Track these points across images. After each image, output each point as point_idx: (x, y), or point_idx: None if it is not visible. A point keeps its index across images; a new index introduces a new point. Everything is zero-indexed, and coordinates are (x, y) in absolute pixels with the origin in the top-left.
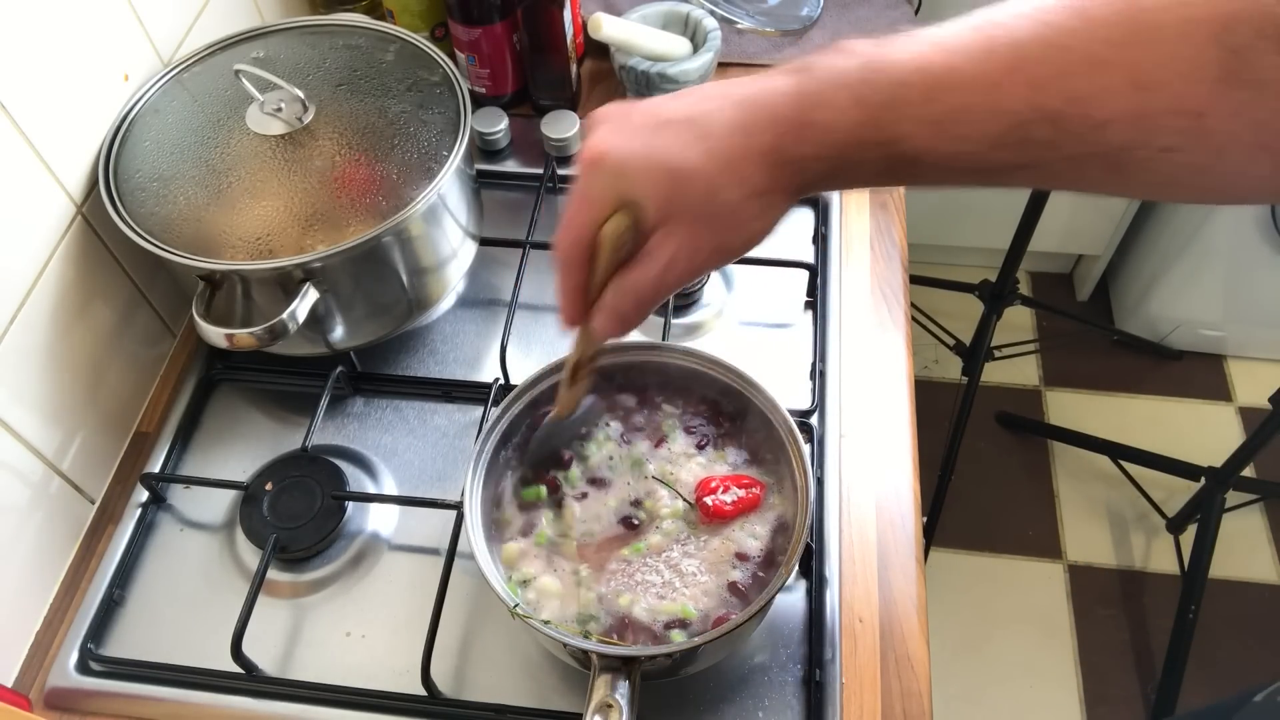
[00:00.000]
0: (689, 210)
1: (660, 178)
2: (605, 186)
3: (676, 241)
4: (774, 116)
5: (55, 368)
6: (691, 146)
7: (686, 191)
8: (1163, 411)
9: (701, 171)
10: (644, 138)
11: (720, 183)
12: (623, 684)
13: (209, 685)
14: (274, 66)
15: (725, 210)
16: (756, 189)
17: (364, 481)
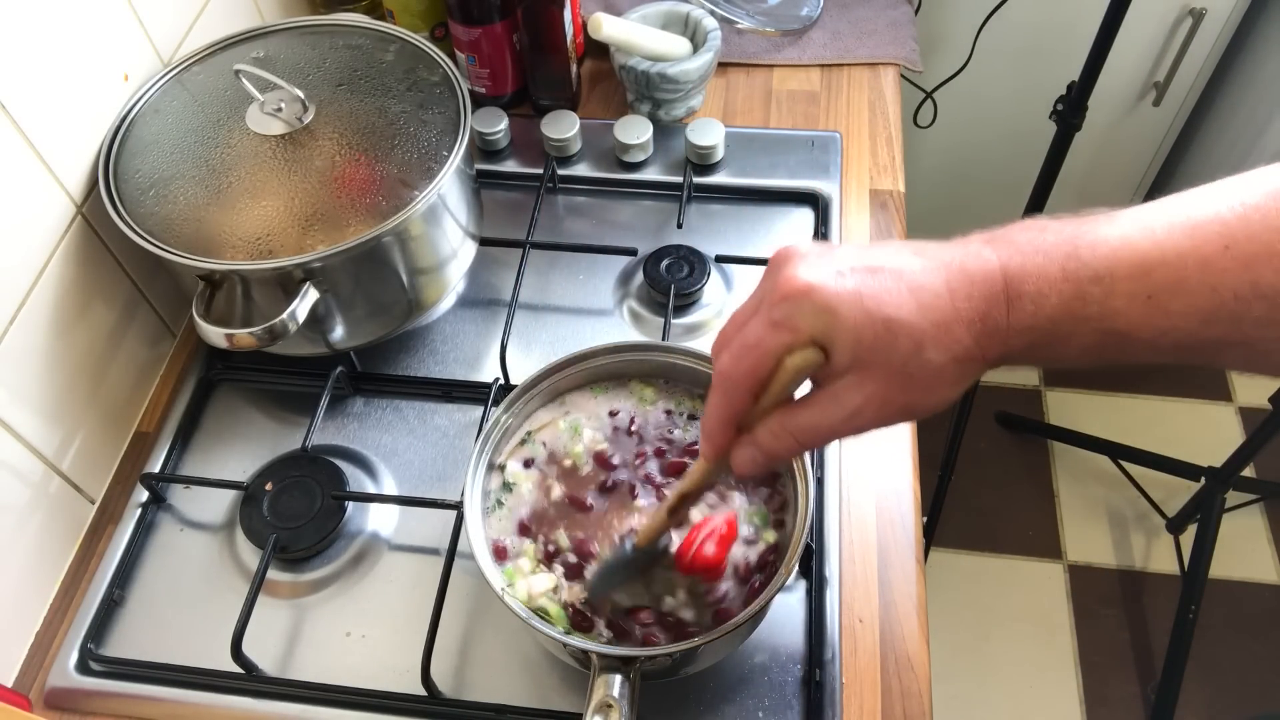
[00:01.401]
0: (890, 364)
1: (871, 324)
2: (807, 320)
3: (867, 392)
4: (986, 285)
5: (55, 368)
6: (905, 302)
7: (894, 344)
8: (1163, 411)
9: (914, 327)
10: (855, 282)
11: (929, 342)
12: (623, 684)
13: (209, 685)
14: (274, 66)
15: (927, 371)
16: (960, 355)
17: (364, 481)
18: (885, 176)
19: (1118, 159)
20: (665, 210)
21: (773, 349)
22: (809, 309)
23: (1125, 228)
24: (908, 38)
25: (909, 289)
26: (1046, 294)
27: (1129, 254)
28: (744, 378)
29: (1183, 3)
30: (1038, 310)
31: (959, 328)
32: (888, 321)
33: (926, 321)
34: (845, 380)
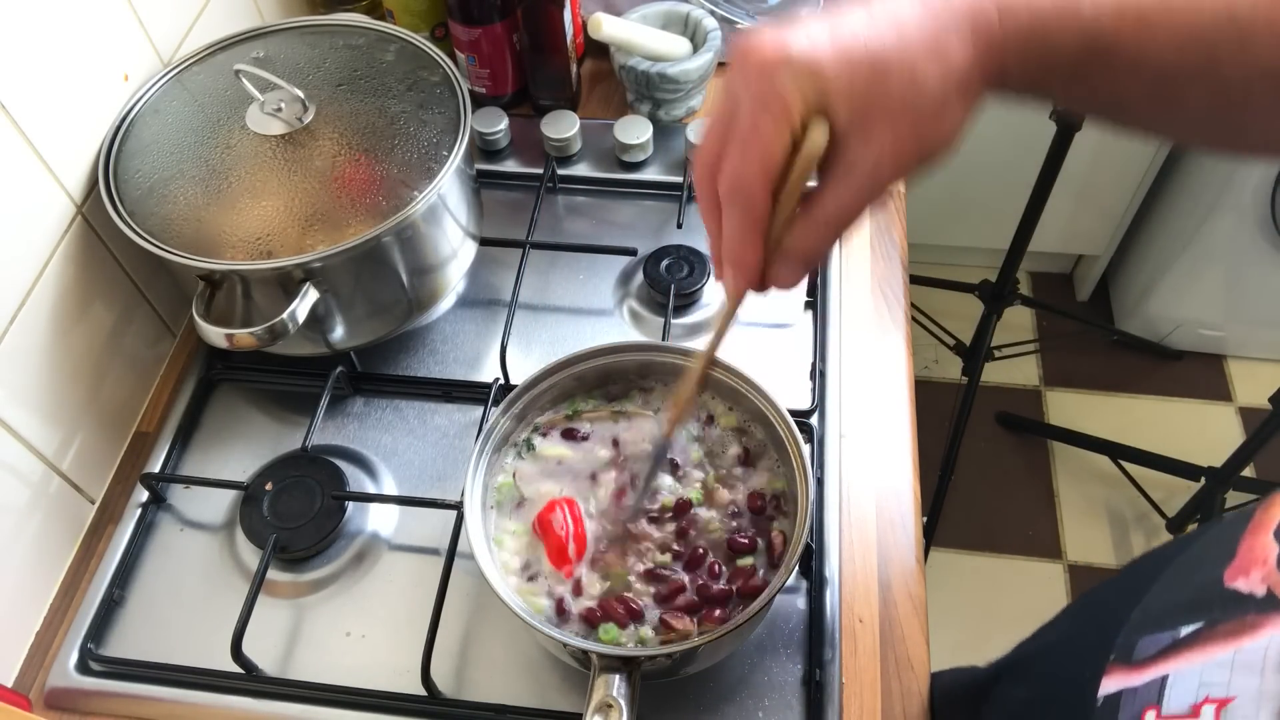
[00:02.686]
0: (891, 104)
1: (858, 68)
2: (796, 88)
3: (879, 145)
4: (971, 4)
5: (55, 368)
6: (884, 32)
7: (889, 82)
8: (1163, 411)
9: (902, 56)
10: (826, 31)
11: (923, 66)
12: (623, 684)
13: (209, 685)
14: (274, 66)
15: (928, 98)
16: (959, 69)
17: (364, 481)
18: None
19: (1118, 159)
20: (665, 210)
21: (773, 133)
22: (791, 76)
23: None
24: None
25: (885, 22)
26: (1038, 5)
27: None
28: (757, 176)
29: None
30: (1031, 11)
31: (950, 45)
32: (872, 59)
33: (915, 45)
34: (852, 142)
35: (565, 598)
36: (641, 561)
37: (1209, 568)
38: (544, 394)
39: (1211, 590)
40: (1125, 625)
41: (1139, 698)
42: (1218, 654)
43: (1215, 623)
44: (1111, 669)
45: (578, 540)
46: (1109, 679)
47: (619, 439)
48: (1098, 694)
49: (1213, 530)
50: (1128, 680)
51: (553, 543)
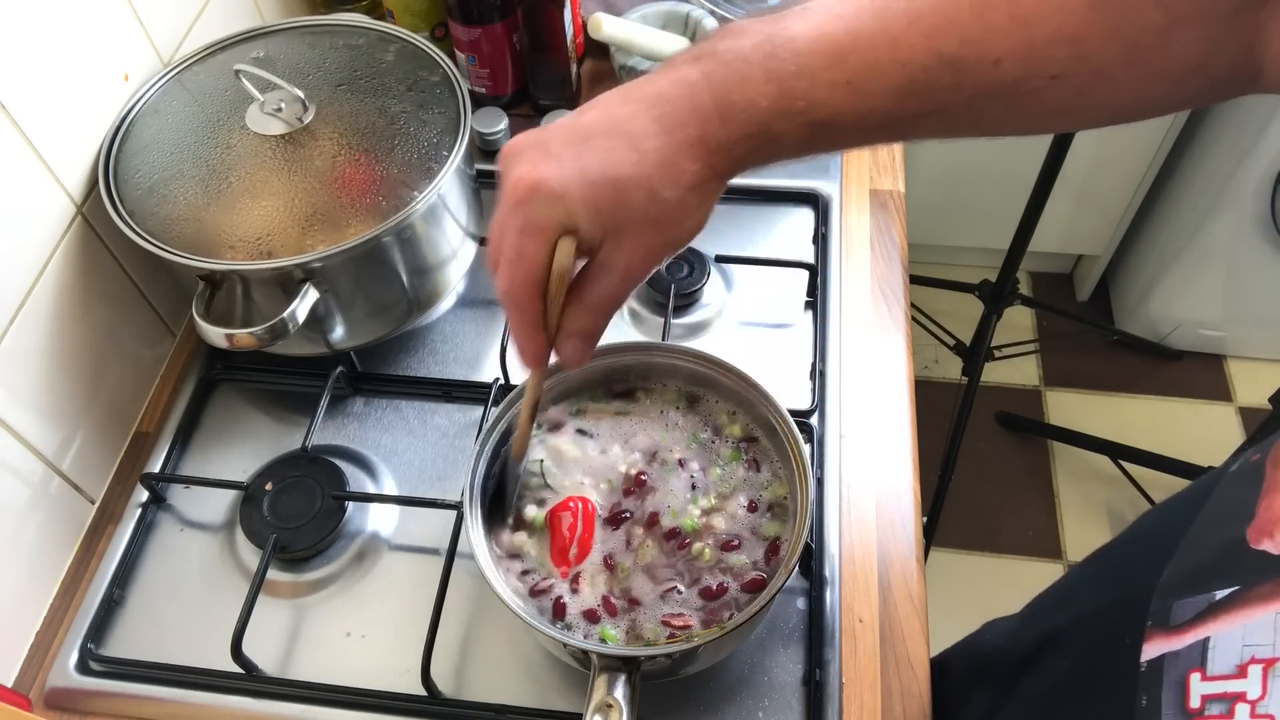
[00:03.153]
0: (633, 218)
1: (601, 193)
2: (548, 215)
3: (628, 250)
4: (694, 107)
5: (55, 368)
6: (623, 156)
7: (629, 201)
8: (1163, 411)
9: (639, 178)
10: (572, 159)
11: (658, 185)
12: (623, 684)
13: (209, 685)
14: (274, 66)
15: (668, 209)
16: (692, 182)
17: (364, 481)
18: (885, 176)
19: (1118, 159)
20: None
21: (534, 253)
22: (544, 204)
23: (816, 16)
24: None
25: (624, 144)
26: (755, 100)
27: (823, 45)
28: (523, 288)
29: None
30: (750, 117)
31: (681, 158)
32: (613, 183)
33: (649, 168)
34: (605, 248)
35: (564, 596)
36: (640, 562)
37: (1230, 526)
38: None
39: (1239, 552)
40: (1156, 589)
41: (1181, 661)
42: (1258, 615)
43: (1250, 585)
44: (1150, 634)
45: (581, 545)
46: (1149, 644)
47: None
48: (1140, 660)
49: (1223, 486)
50: (1168, 644)
51: (557, 541)
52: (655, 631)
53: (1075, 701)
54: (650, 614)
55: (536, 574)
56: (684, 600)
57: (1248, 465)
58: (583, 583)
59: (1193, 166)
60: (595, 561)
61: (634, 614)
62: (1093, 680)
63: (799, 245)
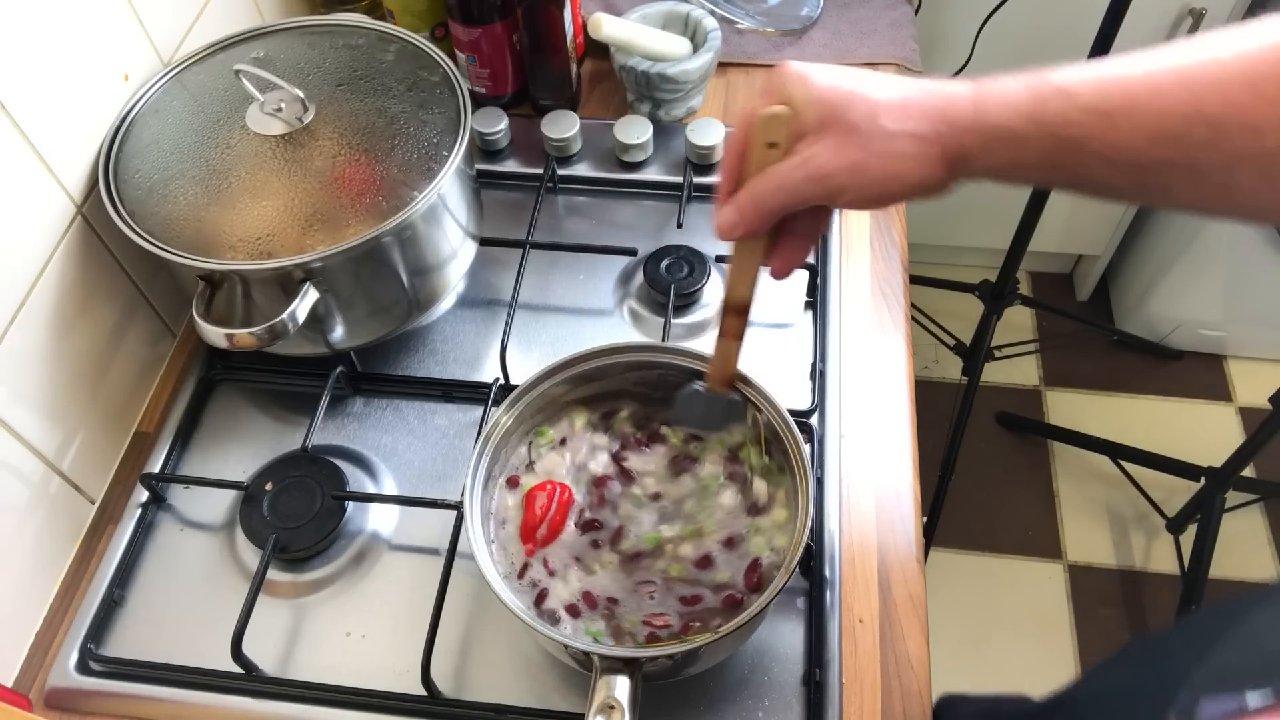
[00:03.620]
0: (845, 122)
1: (836, 91)
2: (782, 86)
3: (820, 144)
4: (951, 92)
5: (55, 368)
6: (872, 83)
7: (851, 106)
8: (1163, 411)
9: (871, 98)
10: (834, 71)
11: (884, 111)
12: (624, 685)
13: (209, 685)
14: (274, 66)
15: (878, 132)
16: (915, 130)
17: (364, 481)
18: None
19: None
20: (665, 210)
21: (751, 110)
22: (789, 78)
23: (1091, 68)
24: (907, 38)
25: (880, 82)
26: (1009, 101)
27: (1090, 83)
28: (733, 143)
29: (1183, 3)
30: (1001, 110)
31: (917, 109)
32: (850, 91)
33: (886, 97)
34: (808, 137)
35: (547, 589)
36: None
37: (1277, 634)
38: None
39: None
40: (1186, 682)
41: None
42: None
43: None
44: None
45: (551, 526)
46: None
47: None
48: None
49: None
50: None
51: (526, 519)
52: (634, 623)
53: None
54: (631, 613)
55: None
56: (661, 601)
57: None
58: (556, 571)
59: None
60: (564, 557)
61: (615, 611)
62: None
63: None
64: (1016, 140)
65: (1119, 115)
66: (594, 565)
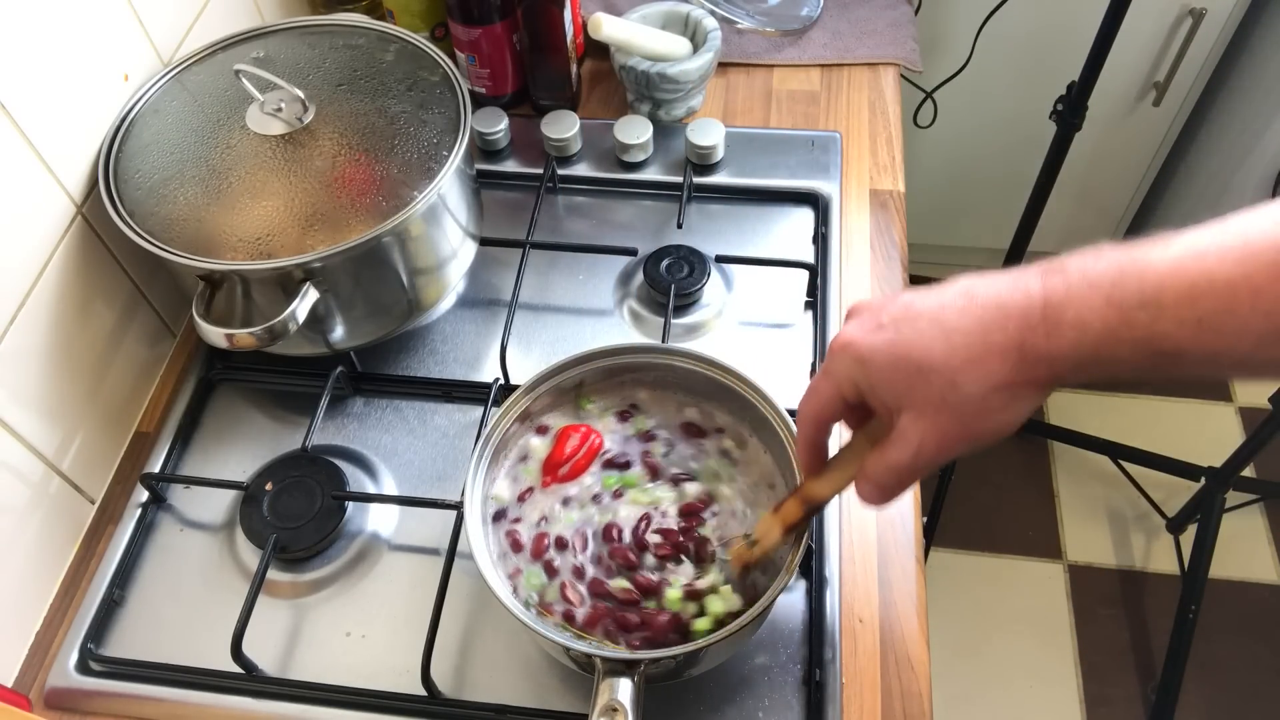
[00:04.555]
0: (930, 401)
1: (902, 369)
2: (844, 370)
3: (923, 428)
4: (1022, 316)
5: (55, 368)
6: (935, 341)
7: (927, 383)
8: (1163, 411)
9: (942, 366)
10: (890, 332)
11: (961, 377)
12: (627, 687)
13: (209, 685)
14: (274, 66)
15: (968, 402)
16: (1000, 383)
17: (364, 481)
18: (885, 176)
19: (1118, 159)
20: (665, 210)
21: (826, 392)
22: (848, 362)
23: (1177, 251)
24: (908, 38)
25: (942, 332)
26: (1089, 320)
27: (1177, 280)
28: (807, 416)
29: (1183, 3)
30: (1080, 337)
31: (992, 360)
32: (917, 365)
33: (957, 359)
34: (903, 420)
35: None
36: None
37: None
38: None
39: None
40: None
41: None
42: None
43: None
44: None
45: (574, 468)
46: None
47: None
48: None
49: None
50: None
51: (554, 453)
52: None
53: None
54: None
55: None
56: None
57: None
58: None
59: (1193, 166)
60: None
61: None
62: None
63: (799, 245)
64: (1106, 360)
65: (1217, 321)
66: (586, 512)
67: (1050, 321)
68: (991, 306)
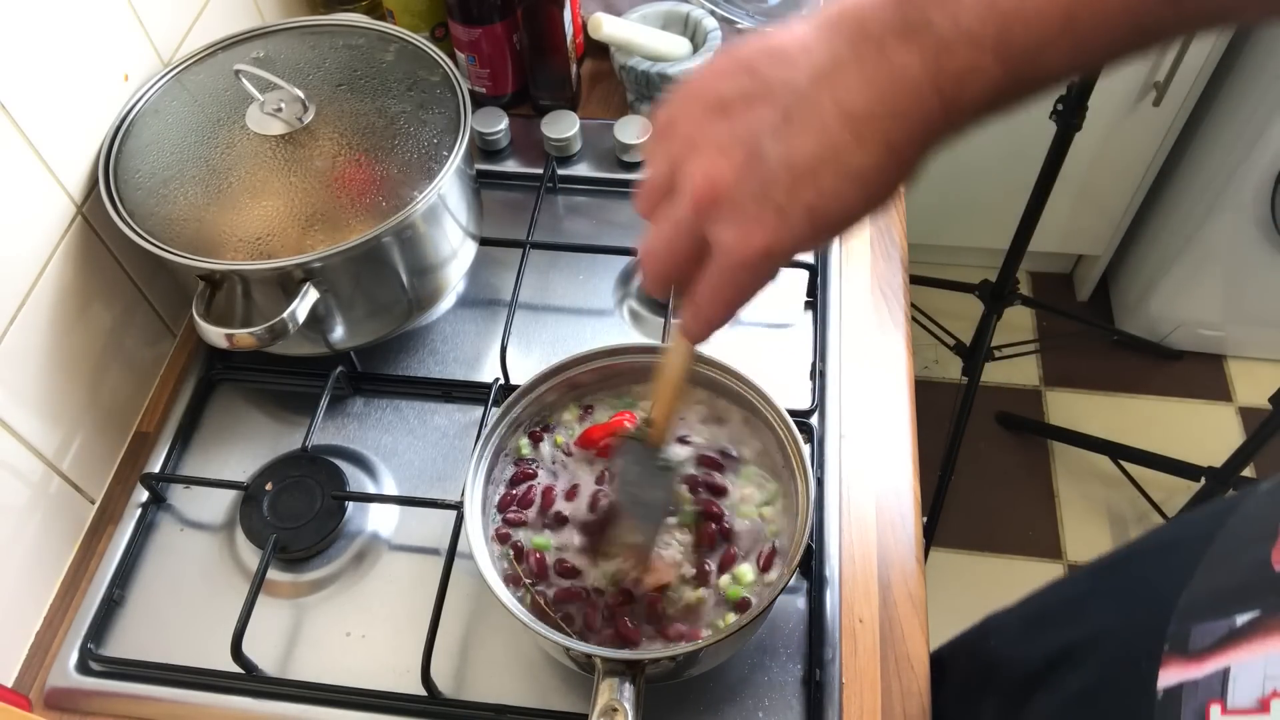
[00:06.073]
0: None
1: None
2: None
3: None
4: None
5: (55, 368)
6: (851, 199)
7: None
8: (1163, 411)
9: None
10: (802, 213)
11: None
12: (627, 687)
13: (209, 685)
14: (274, 66)
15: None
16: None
17: (364, 481)
18: None
19: (1118, 159)
20: None
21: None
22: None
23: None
24: None
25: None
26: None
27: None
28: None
29: None
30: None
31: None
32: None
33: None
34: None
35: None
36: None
37: (1253, 548)
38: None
39: (1261, 575)
40: (1175, 611)
41: (1201, 691)
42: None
43: (1272, 610)
44: (1168, 660)
45: (602, 452)
46: (1167, 671)
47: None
48: (1157, 687)
49: (1247, 503)
50: (1187, 673)
51: (603, 426)
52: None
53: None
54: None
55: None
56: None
57: (1275, 484)
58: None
59: (1193, 166)
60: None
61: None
62: (1108, 704)
63: None
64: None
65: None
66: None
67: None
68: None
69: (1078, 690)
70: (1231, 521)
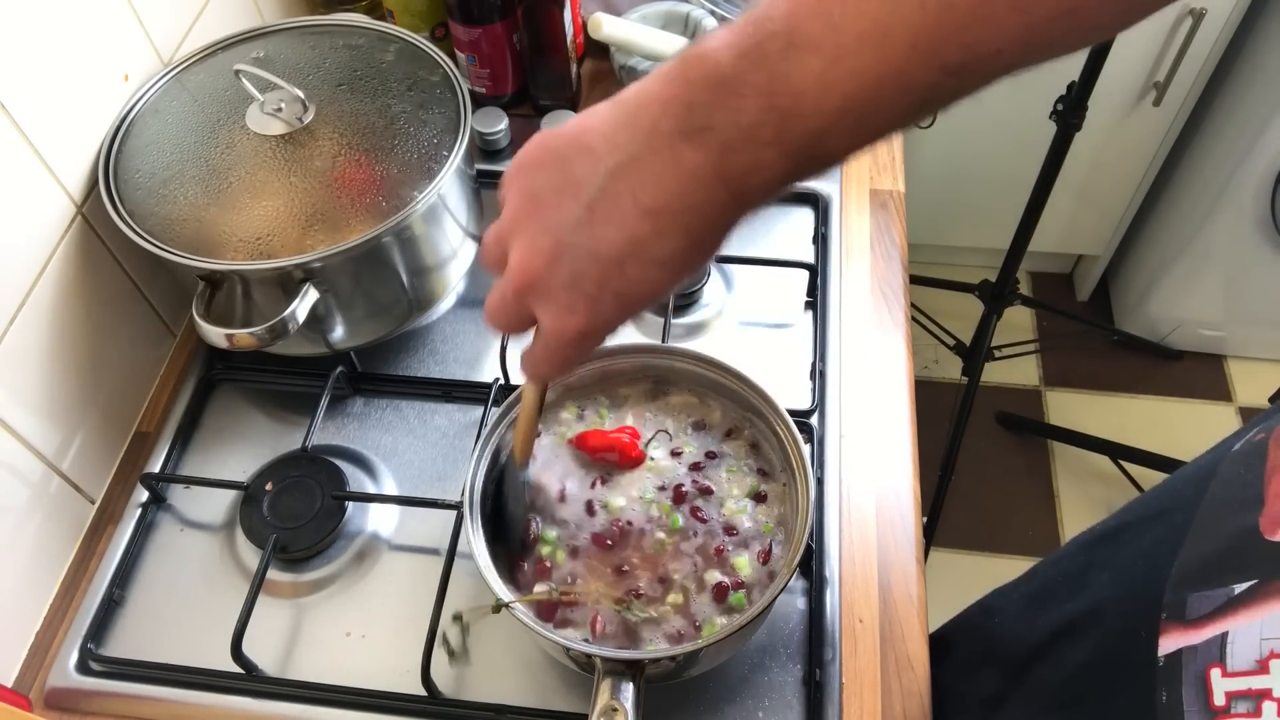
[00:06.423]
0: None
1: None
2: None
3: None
4: (708, 194)
5: (55, 368)
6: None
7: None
8: (1163, 411)
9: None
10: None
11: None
12: (627, 687)
13: (209, 685)
14: (274, 66)
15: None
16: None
17: (364, 481)
18: (885, 176)
19: (1118, 159)
20: None
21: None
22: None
23: (822, 64)
24: None
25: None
26: (770, 180)
27: (837, 104)
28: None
29: (1183, 3)
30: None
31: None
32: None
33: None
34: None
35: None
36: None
37: (1240, 512)
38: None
39: (1254, 543)
40: (1169, 580)
41: (1200, 656)
42: (1277, 609)
43: (1268, 578)
44: (1167, 628)
45: (618, 449)
46: (1166, 638)
47: None
48: (1158, 654)
49: (1227, 465)
50: (1185, 639)
51: (595, 435)
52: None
53: (1092, 695)
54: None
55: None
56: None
57: (1251, 444)
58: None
59: (1193, 166)
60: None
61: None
62: (1110, 673)
63: (799, 245)
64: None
65: (871, 120)
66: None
67: (734, 187)
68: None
69: (1081, 661)
70: (1213, 486)
